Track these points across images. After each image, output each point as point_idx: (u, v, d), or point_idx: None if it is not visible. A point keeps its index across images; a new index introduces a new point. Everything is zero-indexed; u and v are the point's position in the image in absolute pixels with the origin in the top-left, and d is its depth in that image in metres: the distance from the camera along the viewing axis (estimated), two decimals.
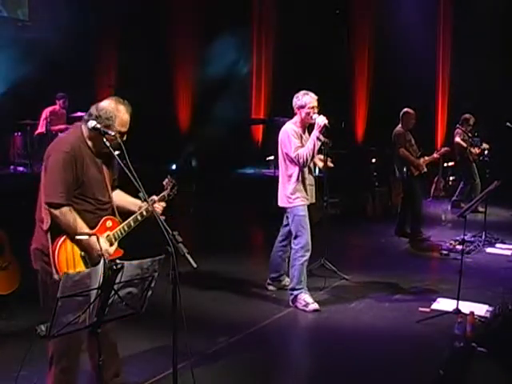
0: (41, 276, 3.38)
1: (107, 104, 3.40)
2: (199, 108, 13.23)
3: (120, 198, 3.67)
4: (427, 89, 13.95)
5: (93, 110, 3.41)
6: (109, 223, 3.46)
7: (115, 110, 3.38)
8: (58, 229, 3.27)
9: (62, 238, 3.27)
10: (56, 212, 3.25)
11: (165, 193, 3.77)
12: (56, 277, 3.19)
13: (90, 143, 3.41)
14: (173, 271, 2.89)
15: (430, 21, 13.87)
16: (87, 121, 3.39)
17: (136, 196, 3.46)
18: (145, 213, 3.55)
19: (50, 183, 3.29)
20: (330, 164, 6.17)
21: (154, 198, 3.66)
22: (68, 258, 3.26)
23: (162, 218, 3.42)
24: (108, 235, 3.43)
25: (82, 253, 3.32)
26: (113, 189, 3.60)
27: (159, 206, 3.64)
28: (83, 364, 3.58)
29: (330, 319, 5.32)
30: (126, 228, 3.50)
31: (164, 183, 3.80)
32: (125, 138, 3.45)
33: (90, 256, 3.34)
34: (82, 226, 3.30)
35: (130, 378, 3.86)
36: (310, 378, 4.40)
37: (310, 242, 5.48)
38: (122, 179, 3.45)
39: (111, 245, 3.43)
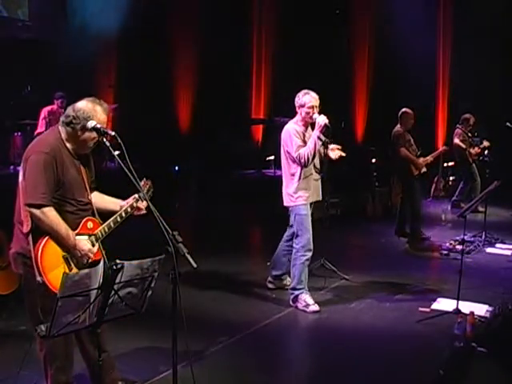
0: (24, 279, 3.36)
1: (84, 105, 3.39)
2: (199, 108, 13.22)
3: (99, 199, 3.66)
4: (427, 89, 13.95)
5: (69, 111, 3.40)
6: (90, 224, 3.46)
7: (92, 111, 3.37)
8: (40, 231, 3.24)
9: (45, 240, 3.24)
10: (37, 212, 3.22)
11: (141, 194, 3.74)
12: (39, 279, 3.17)
13: (68, 145, 3.40)
14: (173, 271, 2.89)
15: (430, 21, 13.86)
16: (65, 122, 3.38)
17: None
18: (124, 214, 3.57)
19: (30, 184, 3.27)
20: (342, 153, 5.75)
21: (130, 200, 3.65)
22: (51, 260, 3.24)
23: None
24: (89, 236, 3.42)
25: (65, 254, 3.30)
26: (91, 190, 3.59)
27: (141, 206, 3.61)
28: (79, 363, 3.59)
29: (330, 319, 5.32)
30: (106, 229, 3.50)
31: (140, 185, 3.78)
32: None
33: (73, 256, 3.33)
34: (64, 226, 3.27)
35: (129, 377, 3.86)
36: (310, 377, 4.41)
37: (312, 241, 5.49)
38: (123, 180, 3.45)
39: (92, 246, 3.41)
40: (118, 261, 2.80)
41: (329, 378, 4.26)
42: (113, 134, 3.32)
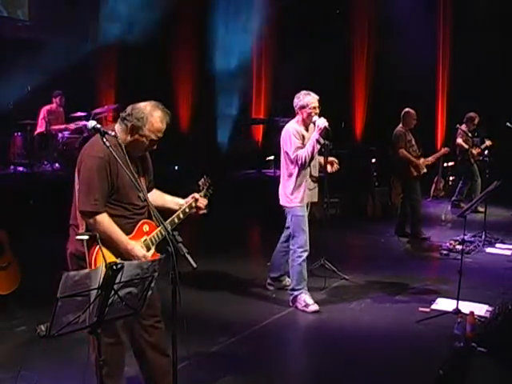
0: None
1: (143, 105, 3.33)
2: (199, 108, 13.22)
3: (160, 198, 3.62)
4: (427, 89, 13.94)
5: (129, 107, 3.35)
6: (146, 227, 3.40)
7: (149, 114, 3.29)
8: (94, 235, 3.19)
9: (99, 245, 3.20)
10: (90, 221, 3.18)
11: (201, 193, 3.76)
12: None
13: (124, 145, 3.28)
14: (173, 271, 2.89)
15: (430, 20, 13.87)
16: (122, 117, 3.33)
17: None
18: (182, 215, 3.54)
19: (83, 191, 3.20)
20: (331, 168, 5.84)
21: (189, 199, 3.65)
22: None
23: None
24: (145, 240, 3.36)
25: (119, 259, 3.22)
26: (148, 191, 3.51)
27: (202, 202, 3.64)
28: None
29: (330, 319, 5.32)
30: (163, 232, 3.34)
31: (200, 183, 3.78)
32: (155, 147, 3.39)
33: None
34: (118, 232, 3.23)
35: (129, 378, 3.85)
36: (310, 377, 4.41)
37: (308, 242, 5.48)
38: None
39: (149, 249, 3.35)
40: (118, 261, 2.80)
41: (329, 377, 4.26)
42: (113, 134, 3.26)
